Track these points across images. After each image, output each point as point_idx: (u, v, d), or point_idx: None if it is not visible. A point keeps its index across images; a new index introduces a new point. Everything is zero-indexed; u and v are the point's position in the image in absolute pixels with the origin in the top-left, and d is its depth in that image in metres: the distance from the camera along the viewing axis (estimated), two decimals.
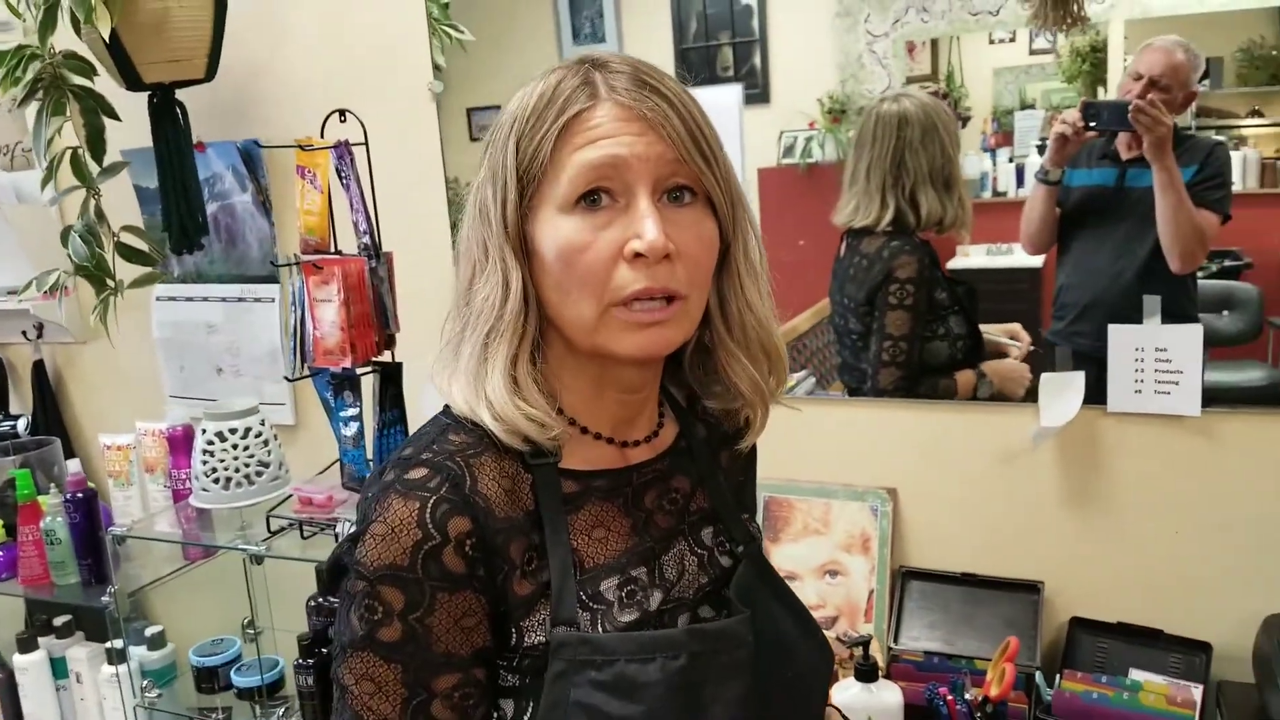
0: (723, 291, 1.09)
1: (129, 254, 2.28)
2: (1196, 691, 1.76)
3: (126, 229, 2.27)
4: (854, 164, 2.01)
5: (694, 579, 1.11)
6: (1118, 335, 1.85)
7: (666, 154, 0.98)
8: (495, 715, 1.00)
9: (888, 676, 1.84)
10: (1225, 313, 1.89)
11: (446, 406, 1.07)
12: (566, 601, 1.00)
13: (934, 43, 1.99)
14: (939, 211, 1.97)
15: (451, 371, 1.05)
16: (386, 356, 2.06)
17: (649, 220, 0.97)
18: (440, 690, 0.96)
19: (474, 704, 0.98)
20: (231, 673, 2.27)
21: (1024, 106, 1.98)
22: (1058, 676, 1.83)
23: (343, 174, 1.99)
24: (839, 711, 1.31)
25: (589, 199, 0.98)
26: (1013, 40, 1.95)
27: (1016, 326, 2.04)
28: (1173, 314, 1.84)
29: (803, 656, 1.15)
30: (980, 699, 1.74)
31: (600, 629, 1.01)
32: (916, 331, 2.02)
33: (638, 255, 0.97)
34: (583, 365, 1.06)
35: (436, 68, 2.27)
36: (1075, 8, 1.85)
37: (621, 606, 1.03)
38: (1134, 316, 1.86)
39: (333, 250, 2.03)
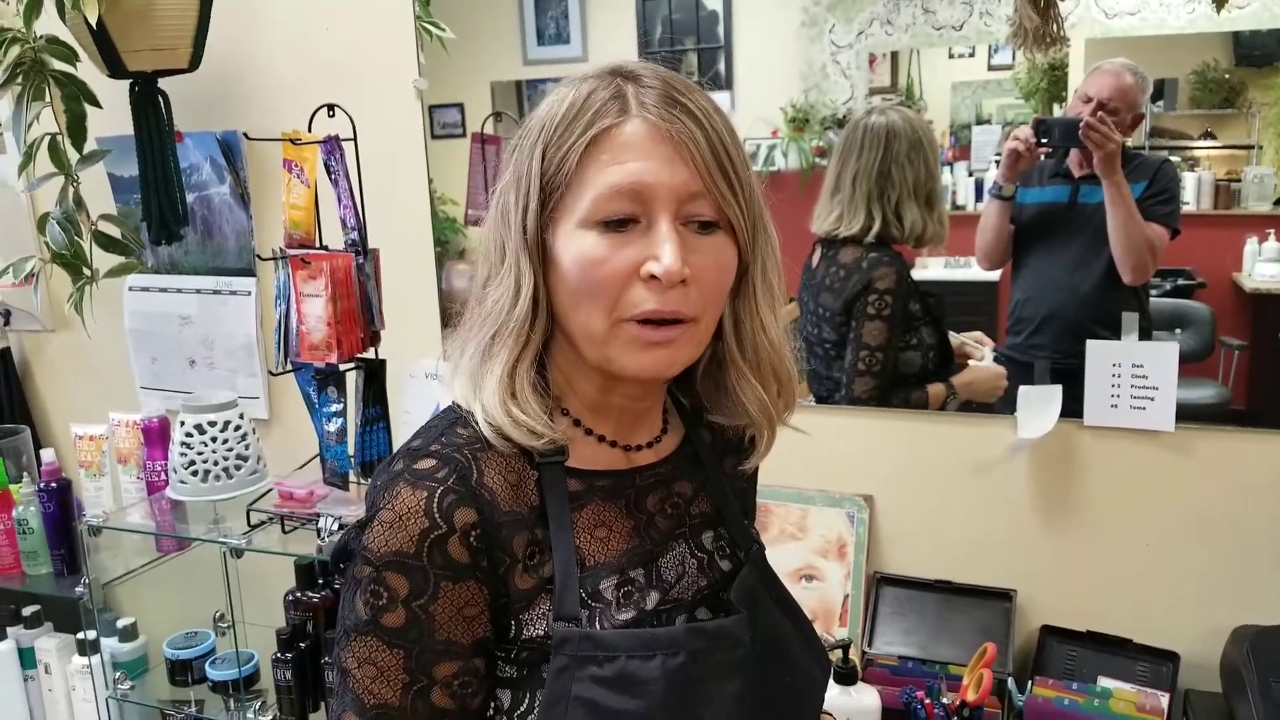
0: (738, 312, 1.09)
1: (106, 243, 2.26)
2: (1164, 700, 1.80)
3: (105, 218, 2.25)
4: (838, 173, 2.03)
5: (693, 581, 1.12)
6: (1095, 351, 1.89)
7: (691, 183, 0.98)
8: (493, 705, 1.01)
9: (863, 680, 1.87)
10: (1178, 331, 1.93)
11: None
12: (569, 597, 1.01)
13: (894, 55, 2.01)
14: (920, 227, 2.00)
15: (456, 367, 1.07)
16: (370, 353, 2.06)
17: (668, 244, 0.97)
18: (441, 678, 0.98)
19: (473, 693, 1.00)
20: (206, 666, 2.26)
21: (980, 122, 2.01)
22: (1029, 683, 1.87)
23: (331, 169, 1.98)
24: (831, 718, 1.34)
25: (614, 223, 0.98)
26: (972, 55, 1.98)
27: (978, 334, 2.07)
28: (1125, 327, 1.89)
29: (800, 662, 1.17)
30: (958, 703, 1.77)
31: (598, 626, 1.02)
32: (892, 342, 2.04)
33: (653, 277, 0.97)
34: (590, 372, 1.07)
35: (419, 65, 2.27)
36: (1056, 27, 1.88)
37: (619, 606, 1.05)
38: (1092, 330, 1.90)
39: (318, 245, 2.03)
